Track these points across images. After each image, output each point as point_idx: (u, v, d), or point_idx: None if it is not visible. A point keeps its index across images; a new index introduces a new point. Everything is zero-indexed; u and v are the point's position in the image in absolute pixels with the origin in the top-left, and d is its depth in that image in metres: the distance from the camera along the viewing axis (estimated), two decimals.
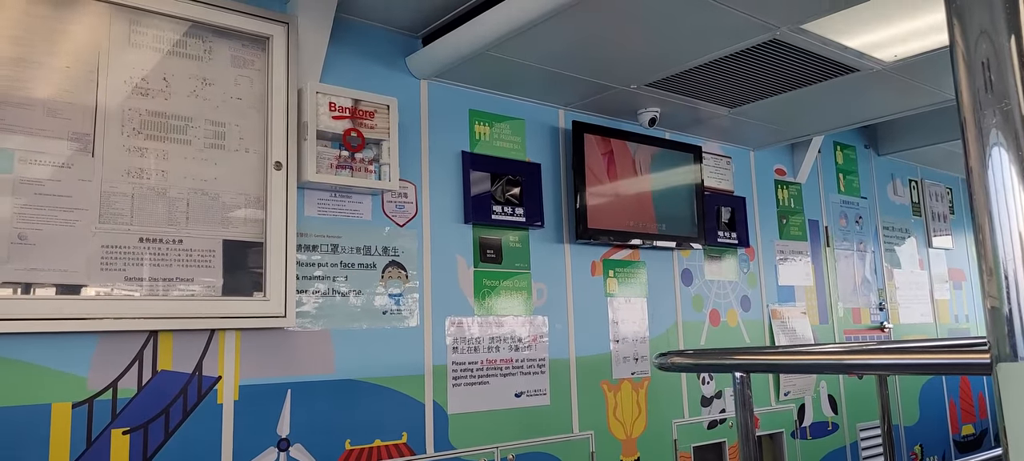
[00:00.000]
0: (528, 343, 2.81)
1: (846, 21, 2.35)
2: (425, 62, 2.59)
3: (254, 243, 2.15)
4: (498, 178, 2.78)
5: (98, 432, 1.90)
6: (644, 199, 3.17)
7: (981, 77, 0.79)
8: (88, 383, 1.91)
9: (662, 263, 3.35)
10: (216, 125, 2.13)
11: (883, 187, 4.66)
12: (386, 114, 2.40)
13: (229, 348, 2.13)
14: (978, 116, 0.79)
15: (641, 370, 3.17)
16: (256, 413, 2.15)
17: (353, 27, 2.52)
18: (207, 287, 2.06)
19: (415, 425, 2.46)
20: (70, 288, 1.86)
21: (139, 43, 2.03)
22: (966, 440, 4.80)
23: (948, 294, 5.01)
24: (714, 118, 3.31)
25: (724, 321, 3.56)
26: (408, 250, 2.54)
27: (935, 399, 4.64)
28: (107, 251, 1.92)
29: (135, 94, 2.01)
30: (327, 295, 2.34)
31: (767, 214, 3.89)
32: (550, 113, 3.05)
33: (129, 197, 1.96)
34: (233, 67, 2.18)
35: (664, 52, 2.54)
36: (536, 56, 2.53)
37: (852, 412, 4.06)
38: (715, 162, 3.64)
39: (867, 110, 3.33)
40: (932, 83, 2.98)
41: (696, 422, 3.32)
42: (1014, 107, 0.77)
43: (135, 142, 1.99)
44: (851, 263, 4.30)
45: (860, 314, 4.28)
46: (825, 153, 4.28)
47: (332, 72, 2.43)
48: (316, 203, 2.36)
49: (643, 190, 3.18)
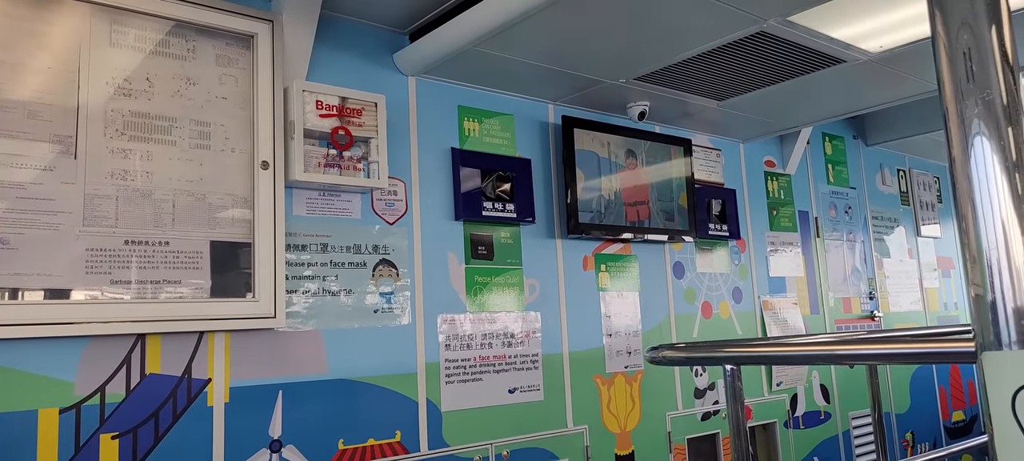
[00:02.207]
0: (521, 339, 2.81)
1: (832, 13, 2.35)
2: (412, 58, 2.58)
3: (242, 244, 2.14)
4: (488, 174, 2.78)
5: (86, 437, 1.89)
6: (635, 193, 3.17)
7: (963, 67, 0.79)
8: (75, 388, 1.89)
9: (654, 256, 3.35)
10: (201, 125, 2.11)
11: (872, 177, 4.68)
12: (374, 111, 2.38)
13: (219, 350, 2.12)
14: (960, 106, 0.79)
15: (634, 363, 3.17)
16: (247, 415, 2.14)
17: (339, 24, 2.50)
18: (195, 289, 2.05)
19: (409, 423, 2.46)
20: (55, 292, 1.84)
21: (121, 43, 2.01)
22: (957, 426, 4.84)
23: (937, 282, 5.04)
24: (703, 111, 3.31)
25: (716, 313, 3.57)
26: (399, 248, 2.54)
27: (926, 386, 4.67)
28: (92, 254, 1.90)
29: (118, 95, 1.99)
30: (317, 295, 2.33)
31: (757, 206, 3.90)
32: (539, 108, 3.05)
33: (113, 199, 1.95)
34: (217, 66, 2.16)
35: (652, 46, 2.54)
36: (524, 51, 2.52)
37: (844, 401, 4.08)
38: (705, 155, 3.65)
39: (855, 101, 3.35)
40: (917, 73, 2.99)
41: (690, 414, 3.33)
42: (995, 97, 0.77)
43: (119, 143, 1.98)
44: (841, 253, 4.32)
45: (851, 304, 4.30)
46: (814, 144, 4.29)
47: (318, 70, 2.42)
48: (304, 202, 2.35)
49: (634, 184, 3.17)
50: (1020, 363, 0.75)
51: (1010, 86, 0.77)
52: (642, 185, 3.21)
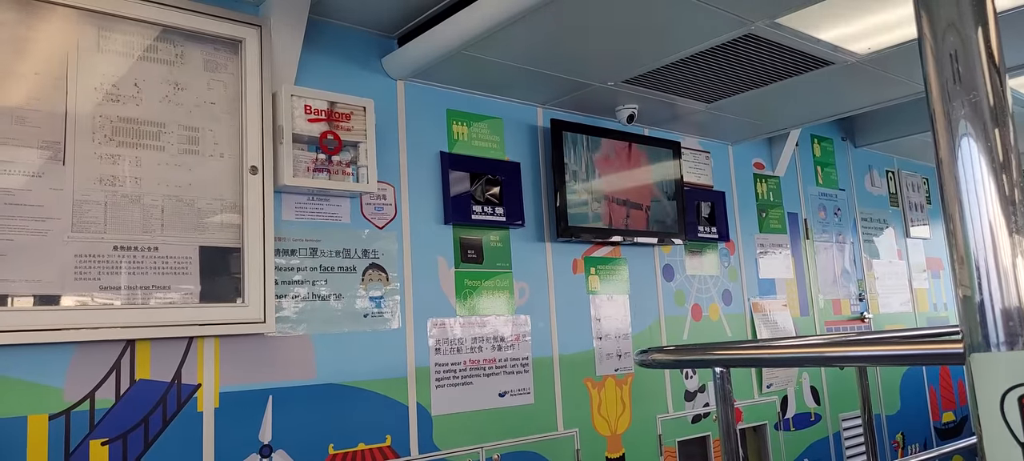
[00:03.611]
0: (511, 342, 2.81)
1: (820, 15, 2.37)
2: (401, 63, 2.58)
3: (232, 249, 2.13)
4: (477, 178, 2.77)
5: (76, 444, 1.87)
6: (624, 195, 3.17)
7: (949, 69, 0.80)
8: (64, 394, 1.88)
9: (643, 259, 3.36)
10: (190, 130, 2.10)
11: (860, 179, 4.70)
12: (363, 116, 2.38)
13: (208, 355, 2.11)
14: (947, 107, 0.80)
15: (624, 366, 3.17)
16: (237, 420, 2.13)
17: (327, 28, 2.50)
18: (185, 294, 2.03)
19: (399, 428, 2.45)
20: (44, 299, 1.83)
21: (108, 48, 2.00)
22: (947, 427, 4.86)
23: (926, 283, 5.07)
24: (692, 114, 3.32)
25: (706, 315, 3.58)
26: (388, 252, 2.53)
27: (916, 388, 4.69)
28: (81, 260, 1.89)
29: (106, 100, 1.98)
30: (307, 299, 2.32)
31: (746, 208, 3.91)
32: (528, 112, 3.05)
33: (102, 205, 1.93)
34: (206, 71, 2.15)
35: (640, 49, 2.54)
36: (512, 55, 2.52)
37: (834, 403, 4.10)
38: (694, 157, 3.66)
39: (843, 103, 3.36)
40: (905, 75, 3.01)
41: (680, 417, 3.33)
42: (982, 98, 0.77)
43: (107, 149, 1.96)
44: (830, 255, 4.34)
45: (840, 305, 4.32)
46: (803, 146, 4.31)
47: (307, 74, 2.41)
48: (294, 207, 2.34)
49: (623, 187, 3.18)
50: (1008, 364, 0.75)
51: (997, 88, 0.77)
52: (631, 188, 3.21)
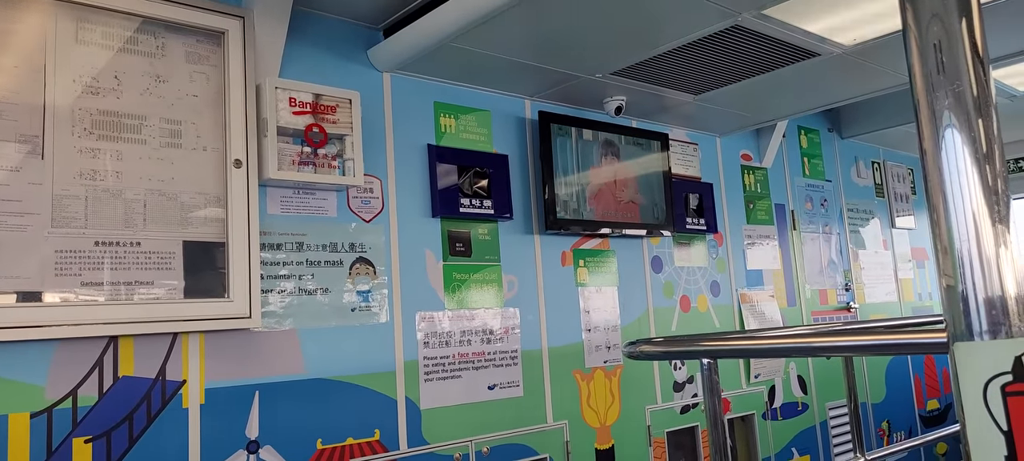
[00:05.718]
0: (500, 335, 2.80)
1: (806, 6, 2.37)
2: (387, 54, 2.56)
3: (216, 243, 2.11)
4: (465, 171, 2.76)
5: (58, 442, 1.85)
6: (613, 188, 3.17)
7: (933, 59, 0.80)
8: (46, 392, 1.85)
9: (632, 251, 3.36)
10: (172, 123, 2.08)
11: (847, 170, 4.73)
12: (348, 108, 2.36)
13: (193, 351, 2.09)
14: (931, 98, 0.79)
15: (613, 358, 3.18)
16: (223, 416, 2.11)
17: (312, 20, 2.47)
18: (168, 289, 2.01)
19: (388, 422, 2.44)
20: (24, 295, 1.80)
21: (87, 40, 1.97)
22: (932, 415, 4.91)
23: (912, 273, 5.10)
24: (680, 105, 3.32)
25: (694, 307, 3.59)
26: (375, 246, 2.52)
27: (901, 376, 4.73)
28: (61, 256, 1.86)
29: (85, 93, 1.95)
30: (294, 294, 2.30)
31: (734, 199, 3.92)
32: (516, 104, 3.04)
33: (83, 199, 1.91)
34: (188, 63, 2.13)
35: (627, 40, 2.54)
36: (499, 46, 2.51)
37: (821, 392, 4.12)
38: (682, 149, 3.66)
39: (829, 94, 3.37)
40: (891, 66, 3.02)
41: (669, 407, 3.34)
42: (966, 89, 0.77)
43: (87, 143, 1.94)
44: (817, 245, 4.36)
45: (827, 295, 4.35)
46: (790, 138, 4.32)
47: (291, 66, 2.39)
48: (279, 201, 2.32)
49: (611, 179, 3.18)
50: (991, 353, 0.75)
51: (980, 78, 0.77)
52: (620, 180, 3.21)
